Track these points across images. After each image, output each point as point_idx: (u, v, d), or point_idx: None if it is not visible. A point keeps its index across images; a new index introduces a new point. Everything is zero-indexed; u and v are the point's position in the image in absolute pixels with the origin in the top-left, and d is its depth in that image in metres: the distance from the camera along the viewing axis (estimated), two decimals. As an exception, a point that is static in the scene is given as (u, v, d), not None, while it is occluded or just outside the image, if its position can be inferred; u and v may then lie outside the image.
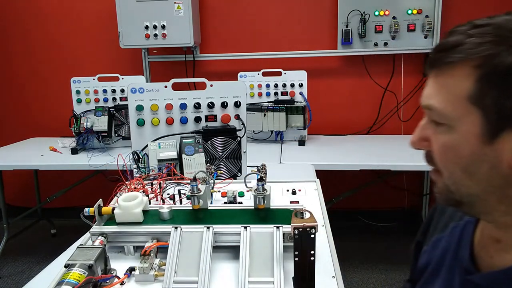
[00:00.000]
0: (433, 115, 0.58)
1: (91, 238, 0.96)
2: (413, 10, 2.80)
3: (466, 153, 0.55)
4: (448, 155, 0.58)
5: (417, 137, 0.62)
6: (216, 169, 1.48)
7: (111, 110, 2.54)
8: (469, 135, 0.54)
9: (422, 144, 0.62)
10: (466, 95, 0.53)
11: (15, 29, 3.28)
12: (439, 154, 0.59)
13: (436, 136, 0.59)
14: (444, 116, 0.56)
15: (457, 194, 0.59)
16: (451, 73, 0.55)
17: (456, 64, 0.54)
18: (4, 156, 2.57)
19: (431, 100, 0.58)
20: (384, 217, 3.19)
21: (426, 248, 0.83)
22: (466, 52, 0.53)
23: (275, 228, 0.91)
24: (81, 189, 3.17)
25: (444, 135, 0.57)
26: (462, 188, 0.58)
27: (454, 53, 0.54)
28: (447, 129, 0.57)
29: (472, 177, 0.56)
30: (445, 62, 0.55)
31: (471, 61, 0.52)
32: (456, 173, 0.58)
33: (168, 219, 0.99)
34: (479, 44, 0.52)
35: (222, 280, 0.86)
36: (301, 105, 2.62)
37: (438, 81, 0.57)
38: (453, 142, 0.56)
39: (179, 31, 2.79)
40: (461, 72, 0.53)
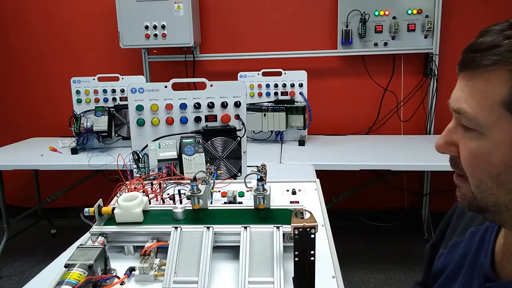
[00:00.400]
0: (463, 120, 0.55)
1: (91, 238, 0.96)
2: (413, 10, 2.80)
3: (498, 161, 0.53)
4: (478, 163, 0.55)
5: (444, 141, 0.59)
6: (216, 169, 1.48)
7: (111, 110, 2.54)
8: (502, 144, 0.52)
9: (449, 149, 0.59)
10: (501, 101, 0.51)
11: (15, 29, 3.28)
12: (468, 161, 0.56)
13: (465, 142, 0.56)
14: (476, 122, 0.53)
15: (482, 201, 0.57)
16: (486, 77, 0.52)
17: (491, 67, 0.51)
18: (4, 156, 2.57)
19: (462, 104, 0.54)
20: (384, 217, 3.19)
21: (443, 251, 0.81)
22: (503, 55, 0.50)
23: (275, 228, 0.91)
24: (81, 189, 3.17)
25: (475, 141, 0.55)
26: (490, 197, 0.56)
27: (490, 55, 0.51)
28: (477, 135, 0.54)
29: (502, 186, 0.54)
30: (479, 64, 0.52)
31: (508, 65, 0.49)
32: (485, 181, 0.55)
33: (181, 219, 0.98)
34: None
35: (222, 280, 0.86)
36: (301, 105, 2.62)
37: (470, 84, 0.54)
38: (484, 150, 0.54)
39: (179, 31, 2.79)
40: (497, 76, 0.51)
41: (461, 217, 0.80)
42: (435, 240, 0.87)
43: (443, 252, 0.81)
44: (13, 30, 3.28)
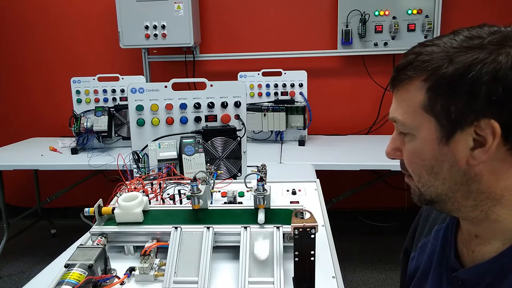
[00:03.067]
0: (399, 127, 0.66)
1: (91, 238, 0.96)
2: (413, 10, 2.80)
3: (428, 156, 0.62)
4: (414, 160, 0.65)
5: (391, 148, 0.70)
6: (216, 169, 1.48)
7: (111, 110, 2.54)
8: (428, 140, 0.61)
9: (396, 154, 0.69)
10: (420, 106, 0.61)
11: (15, 29, 3.28)
12: (407, 160, 0.67)
13: (404, 146, 0.66)
14: (407, 126, 0.64)
15: (427, 194, 0.66)
16: (407, 88, 0.62)
17: (409, 80, 0.62)
18: (4, 156, 2.57)
19: (395, 113, 0.65)
20: (384, 217, 3.19)
21: (414, 254, 0.85)
22: (416, 69, 0.61)
23: (275, 228, 0.91)
24: (81, 189, 3.17)
25: (410, 143, 0.65)
26: (430, 189, 0.65)
27: (407, 71, 0.62)
28: (411, 138, 0.64)
29: (437, 177, 0.63)
30: (400, 79, 0.63)
31: (420, 76, 0.60)
32: (423, 175, 0.64)
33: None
34: (426, 60, 0.60)
35: (222, 280, 0.86)
36: (301, 105, 2.62)
37: (398, 97, 0.65)
38: (416, 148, 0.64)
39: (179, 31, 2.79)
40: (414, 86, 0.61)
41: (427, 219, 0.85)
42: (407, 245, 0.92)
43: (414, 254, 0.85)
44: (13, 30, 3.28)
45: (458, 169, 0.60)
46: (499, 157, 0.58)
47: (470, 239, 0.69)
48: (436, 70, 0.58)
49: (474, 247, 0.67)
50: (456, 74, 0.56)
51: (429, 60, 0.59)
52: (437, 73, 0.58)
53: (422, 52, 0.61)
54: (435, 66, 0.58)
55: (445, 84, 0.57)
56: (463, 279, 0.67)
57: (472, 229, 0.68)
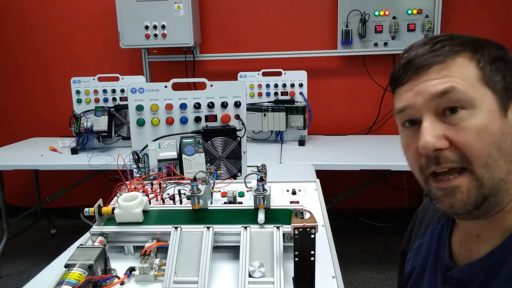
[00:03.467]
0: (455, 100, 0.58)
1: (91, 238, 0.96)
2: (413, 10, 2.80)
3: (496, 129, 0.58)
4: (483, 136, 0.58)
5: (433, 136, 0.59)
6: (216, 169, 1.48)
7: (111, 110, 2.54)
8: (493, 113, 0.58)
9: (442, 142, 0.59)
10: (476, 78, 0.59)
11: (15, 29, 3.28)
12: (474, 138, 0.58)
13: (461, 125, 0.58)
14: (468, 96, 0.58)
15: (488, 183, 0.58)
16: (456, 61, 0.60)
17: (455, 53, 0.60)
18: (4, 156, 2.57)
19: (449, 83, 0.59)
20: (384, 217, 3.19)
21: (410, 255, 0.85)
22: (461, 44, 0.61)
23: (275, 228, 0.91)
24: (81, 189, 3.17)
25: (472, 118, 0.58)
26: (496, 171, 0.58)
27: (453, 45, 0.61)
28: (470, 113, 0.58)
29: (503, 153, 0.58)
30: (445, 53, 0.60)
31: (467, 51, 0.60)
32: (492, 154, 0.58)
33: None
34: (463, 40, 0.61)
35: (222, 280, 0.86)
36: (301, 105, 2.62)
37: (445, 71, 0.60)
38: (484, 121, 0.58)
39: (179, 31, 2.79)
40: (463, 60, 0.60)
41: (422, 221, 0.85)
42: (403, 246, 0.92)
43: (410, 256, 0.85)
44: (13, 30, 3.28)
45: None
46: None
47: (471, 238, 0.68)
48: (482, 47, 0.61)
49: (473, 246, 0.67)
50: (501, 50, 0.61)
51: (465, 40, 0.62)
52: (484, 49, 0.60)
53: (451, 37, 0.63)
54: (478, 43, 0.61)
55: (495, 58, 0.60)
56: (457, 278, 0.67)
57: (476, 229, 0.67)
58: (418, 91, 0.62)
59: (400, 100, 0.65)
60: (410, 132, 0.66)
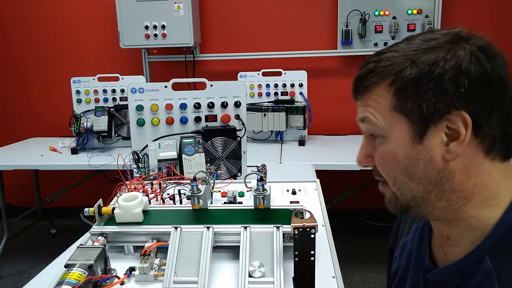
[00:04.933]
0: (369, 128, 0.65)
1: (91, 238, 0.96)
2: (413, 10, 2.80)
3: (403, 156, 0.62)
4: (388, 162, 0.64)
5: (362, 156, 0.69)
6: (216, 169, 1.48)
7: (111, 110, 2.54)
8: (401, 140, 0.61)
9: (368, 161, 0.68)
10: (390, 107, 0.61)
11: (15, 29, 3.28)
12: (381, 163, 0.66)
13: (376, 150, 0.66)
14: (378, 127, 0.63)
15: (403, 199, 0.65)
16: (373, 93, 0.63)
17: (374, 85, 0.63)
18: (4, 156, 2.57)
19: (365, 113, 0.65)
20: (384, 217, 3.19)
21: (397, 253, 0.86)
22: (379, 75, 0.62)
23: (275, 228, 0.91)
24: (81, 189, 3.17)
25: (382, 145, 0.64)
26: (406, 191, 0.64)
27: (370, 78, 0.63)
28: (383, 140, 0.64)
29: (412, 177, 0.62)
30: (364, 86, 0.64)
31: (385, 80, 0.61)
32: (398, 177, 0.63)
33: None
34: (388, 65, 0.61)
35: (222, 280, 0.86)
36: (301, 105, 2.62)
37: (364, 101, 0.65)
38: (390, 149, 0.63)
39: (179, 31, 2.79)
40: (380, 90, 0.62)
41: (407, 218, 0.86)
42: (391, 243, 0.93)
43: (397, 253, 0.86)
44: (13, 30, 3.28)
45: (434, 167, 0.60)
46: (469, 152, 0.59)
47: (442, 240, 0.69)
48: (400, 73, 0.60)
49: (446, 248, 0.68)
50: (421, 73, 0.58)
51: (391, 64, 0.61)
52: (402, 75, 0.59)
53: (382, 59, 0.62)
54: (398, 69, 0.60)
55: (412, 84, 0.59)
56: (436, 280, 0.68)
57: (443, 230, 0.69)
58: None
59: None
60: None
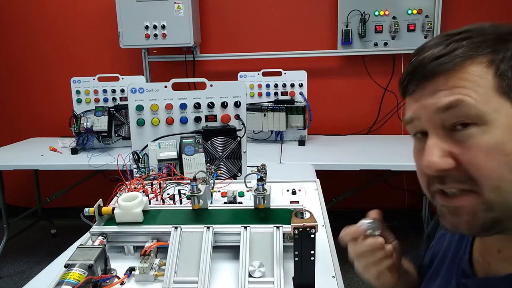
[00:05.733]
0: (462, 115, 0.51)
1: (91, 238, 0.96)
2: (413, 10, 2.80)
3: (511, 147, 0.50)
4: (495, 156, 0.50)
5: (438, 156, 0.53)
6: (216, 169, 1.48)
7: (111, 110, 2.54)
8: (509, 128, 0.50)
9: (447, 161, 0.53)
10: (493, 87, 0.50)
11: (15, 29, 3.28)
12: (483, 159, 0.50)
13: (469, 142, 0.51)
14: (478, 110, 0.50)
15: (498, 207, 0.51)
16: (466, 71, 0.51)
17: (467, 61, 0.51)
18: (4, 156, 2.57)
19: (457, 95, 0.51)
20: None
21: (433, 242, 0.80)
22: (474, 49, 0.51)
23: (275, 228, 0.91)
24: (81, 189, 3.17)
25: (483, 135, 0.50)
26: (509, 196, 0.50)
27: (462, 53, 0.52)
28: (482, 129, 0.50)
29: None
30: (454, 62, 0.52)
31: (482, 56, 0.51)
32: (505, 176, 0.50)
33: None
34: (482, 41, 0.52)
35: (222, 280, 0.86)
36: (301, 105, 2.62)
37: (452, 83, 0.52)
38: (497, 139, 0.50)
39: (179, 31, 2.79)
40: (476, 68, 0.51)
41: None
42: (429, 231, 0.86)
43: (433, 243, 0.80)
44: (13, 30, 3.28)
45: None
46: None
47: (490, 252, 0.62)
48: (501, 48, 0.51)
49: (492, 261, 0.61)
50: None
51: (485, 40, 0.52)
52: (505, 52, 0.50)
53: (468, 36, 0.52)
54: (497, 47, 0.51)
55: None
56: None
57: (498, 244, 0.60)
58: (423, 104, 0.55)
59: (408, 110, 0.60)
60: (420, 143, 0.58)
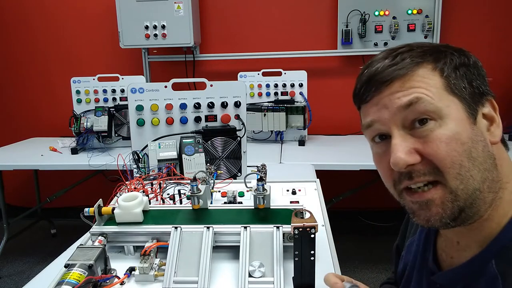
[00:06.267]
0: (423, 111, 0.57)
1: (91, 238, 0.96)
2: (413, 10, 2.80)
3: (466, 138, 0.57)
4: (454, 146, 0.56)
5: (405, 152, 0.58)
6: (216, 169, 1.48)
7: (111, 110, 2.54)
8: (461, 121, 0.57)
9: (413, 156, 0.58)
10: (442, 87, 0.58)
11: (15, 29, 3.28)
12: (444, 149, 0.56)
13: (429, 137, 0.57)
14: (436, 106, 0.57)
15: (463, 195, 0.57)
16: (417, 74, 0.59)
17: (416, 66, 0.59)
18: (4, 156, 2.57)
19: (416, 94, 0.58)
20: (384, 217, 3.19)
21: (403, 253, 0.85)
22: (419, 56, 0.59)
23: (275, 228, 0.91)
24: (81, 189, 3.17)
25: (441, 128, 0.57)
26: (469, 182, 0.56)
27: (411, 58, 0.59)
28: (439, 123, 0.57)
29: (475, 162, 0.56)
30: (406, 67, 0.59)
31: (427, 63, 0.59)
32: (464, 163, 0.56)
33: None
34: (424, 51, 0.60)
35: (222, 280, 0.86)
36: (301, 105, 2.62)
37: (408, 84, 0.59)
38: (452, 131, 0.57)
39: (179, 31, 2.79)
40: (424, 72, 0.59)
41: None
42: (398, 242, 0.91)
43: (403, 254, 0.85)
44: (13, 30, 3.28)
45: (489, 150, 0.58)
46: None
47: (451, 245, 0.67)
48: (441, 56, 0.59)
49: (454, 252, 0.66)
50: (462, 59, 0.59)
51: (426, 50, 0.60)
52: (444, 59, 0.59)
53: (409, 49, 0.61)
54: (436, 55, 0.60)
55: (459, 66, 0.58)
56: (440, 283, 0.66)
57: (455, 236, 0.66)
58: (383, 104, 0.61)
59: (367, 115, 0.65)
60: (381, 147, 0.64)
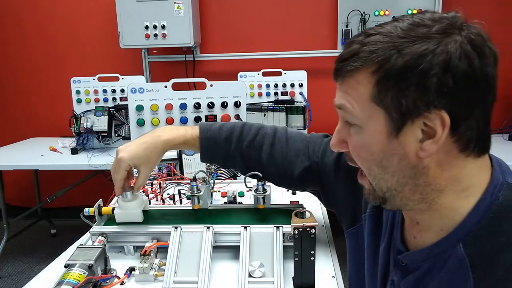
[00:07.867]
0: (345, 116, 0.63)
1: (91, 238, 0.96)
2: (413, 10, 2.80)
3: (377, 150, 0.60)
4: (362, 154, 0.63)
5: (336, 140, 0.66)
6: (216, 169, 1.48)
7: (111, 110, 2.54)
8: (377, 134, 0.59)
9: (341, 145, 0.66)
10: (369, 97, 0.58)
11: (15, 29, 3.28)
12: (355, 153, 0.64)
13: (350, 137, 0.64)
14: (354, 116, 0.61)
15: (379, 190, 0.64)
16: (354, 78, 0.60)
17: (356, 70, 0.59)
18: (4, 156, 2.57)
19: (342, 100, 0.62)
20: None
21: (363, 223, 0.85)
22: (362, 60, 0.58)
23: (275, 228, 0.91)
24: (81, 189, 3.17)
25: (357, 135, 0.62)
26: (381, 182, 0.63)
27: (353, 61, 0.59)
28: (358, 130, 0.61)
29: (386, 170, 0.61)
30: (346, 70, 0.60)
31: (367, 67, 0.58)
32: (373, 168, 0.62)
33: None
34: (373, 51, 0.57)
35: (222, 280, 0.86)
36: (301, 105, 2.61)
37: (344, 86, 0.62)
38: (364, 141, 0.61)
39: (179, 31, 2.79)
40: (361, 77, 0.59)
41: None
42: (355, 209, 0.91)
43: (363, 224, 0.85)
44: (13, 30, 3.28)
45: (407, 163, 0.59)
46: (445, 149, 0.58)
47: (412, 225, 0.70)
48: (384, 62, 0.56)
49: (416, 233, 0.68)
50: (406, 66, 0.54)
51: (376, 50, 0.57)
52: (386, 65, 0.56)
53: (368, 42, 0.58)
54: (383, 58, 0.56)
55: (395, 76, 0.56)
56: (406, 263, 0.69)
57: (414, 217, 0.69)
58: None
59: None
60: None
